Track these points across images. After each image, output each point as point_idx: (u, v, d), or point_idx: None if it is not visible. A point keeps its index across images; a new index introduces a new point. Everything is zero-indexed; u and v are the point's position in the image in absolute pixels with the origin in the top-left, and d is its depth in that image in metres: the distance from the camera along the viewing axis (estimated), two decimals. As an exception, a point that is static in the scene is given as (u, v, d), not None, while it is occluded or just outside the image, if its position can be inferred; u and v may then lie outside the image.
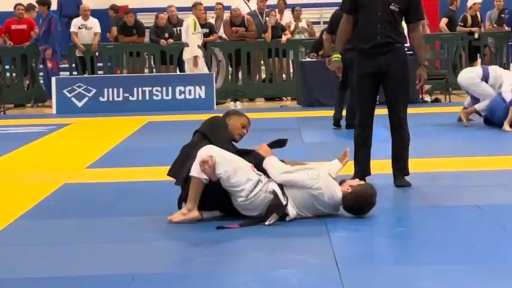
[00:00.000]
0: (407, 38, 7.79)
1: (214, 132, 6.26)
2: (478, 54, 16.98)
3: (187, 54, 15.81)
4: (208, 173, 5.87)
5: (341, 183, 6.09)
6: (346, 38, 7.31)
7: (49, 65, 16.24)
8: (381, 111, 7.37)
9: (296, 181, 5.96)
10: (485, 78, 11.23)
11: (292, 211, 5.93)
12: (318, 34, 16.47)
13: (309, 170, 6.02)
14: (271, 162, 6.10)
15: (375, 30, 7.07)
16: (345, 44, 7.34)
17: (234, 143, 6.40)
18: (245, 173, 5.93)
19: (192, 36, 15.56)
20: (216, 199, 6.04)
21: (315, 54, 15.14)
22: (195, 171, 5.91)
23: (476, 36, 16.59)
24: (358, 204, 6.01)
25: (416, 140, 8.25)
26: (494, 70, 11.44)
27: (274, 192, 5.90)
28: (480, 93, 11.21)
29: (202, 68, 15.71)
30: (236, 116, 6.55)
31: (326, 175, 6.02)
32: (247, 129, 6.52)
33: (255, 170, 6.02)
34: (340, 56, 7.28)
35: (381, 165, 7.53)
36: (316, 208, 6.00)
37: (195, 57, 15.61)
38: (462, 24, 16.73)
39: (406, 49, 7.35)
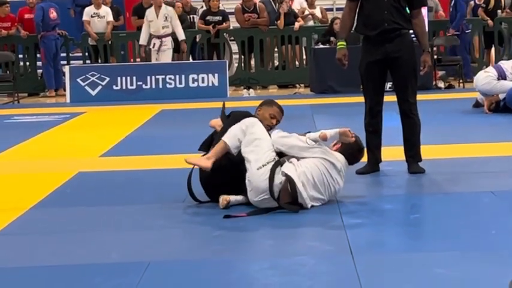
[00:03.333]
0: None
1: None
2: (493, 44, 16.86)
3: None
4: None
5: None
6: (351, 26, 7.33)
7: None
8: (393, 98, 7.35)
9: (292, 144, 6.05)
10: (501, 75, 11.12)
11: (306, 198, 5.93)
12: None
13: (307, 138, 6.10)
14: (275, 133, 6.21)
15: (382, 17, 7.06)
16: (349, 31, 7.34)
17: None
18: (267, 147, 6.01)
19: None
20: (229, 182, 6.08)
21: (326, 42, 15.10)
22: (228, 138, 6.02)
23: (502, 14, 16.45)
24: (357, 147, 6.23)
25: (430, 126, 8.24)
26: (506, 65, 11.33)
27: (287, 176, 5.87)
28: (503, 90, 10.98)
29: (162, 58, 15.71)
30: (266, 106, 6.55)
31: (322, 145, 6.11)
32: (278, 119, 6.48)
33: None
34: (345, 43, 7.25)
35: (394, 152, 7.52)
36: (331, 180, 5.99)
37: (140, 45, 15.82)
38: (485, 6, 16.52)
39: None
